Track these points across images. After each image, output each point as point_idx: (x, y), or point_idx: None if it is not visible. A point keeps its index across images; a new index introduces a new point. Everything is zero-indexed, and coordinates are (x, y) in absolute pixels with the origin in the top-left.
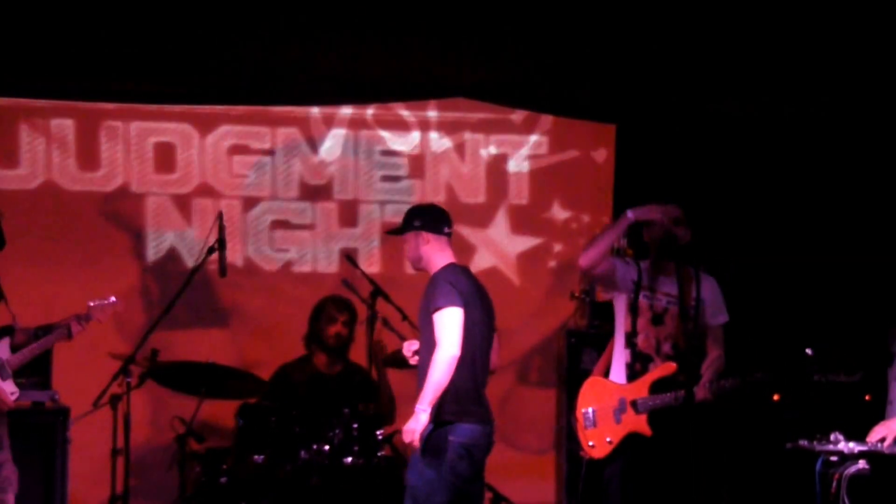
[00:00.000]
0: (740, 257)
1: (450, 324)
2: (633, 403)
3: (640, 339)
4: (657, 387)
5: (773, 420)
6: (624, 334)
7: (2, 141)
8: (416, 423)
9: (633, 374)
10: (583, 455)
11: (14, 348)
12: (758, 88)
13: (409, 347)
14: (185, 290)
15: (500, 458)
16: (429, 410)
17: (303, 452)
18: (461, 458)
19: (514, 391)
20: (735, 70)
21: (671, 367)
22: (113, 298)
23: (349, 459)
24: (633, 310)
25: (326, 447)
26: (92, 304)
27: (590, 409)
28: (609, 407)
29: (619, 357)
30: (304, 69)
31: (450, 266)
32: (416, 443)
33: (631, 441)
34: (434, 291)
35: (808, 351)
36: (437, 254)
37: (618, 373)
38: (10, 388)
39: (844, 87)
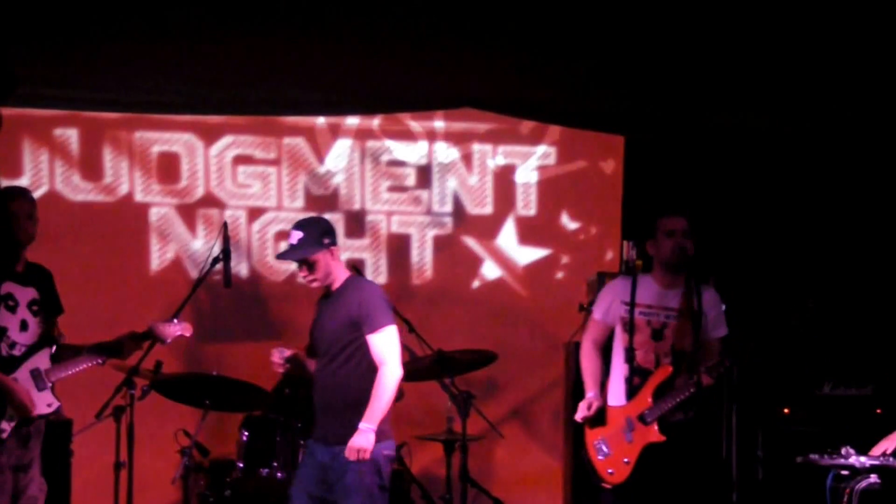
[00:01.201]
0: (746, 268)
1: (394, 343)
2: (641, 417)
3: (639, 355)
4: (659, 393)
5: (784, 434)
6: (623, 351)
7: (5, 151)
8: (367, 442)
9: (631, 389)
10: (605, 486)
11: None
12: (764, 102)
13: (281, 354)
14: (189, 301)
15: (508, 471)
16: (375, 430)
17: None
18: (391, 468)
19: (522, 404)
20: (742, 83)
21: (667, 370)
22: (175, 321)
23: None
24: (630, 328)
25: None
26: (157, 324)
27: (600, 440)
28: (618, 430)
29: (618, 373)
30: (310, 79)
31: (359, 277)
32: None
33: (647, 453)
34: (371, 307)
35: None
36: (340, 266)
37: (616, 390)
38: (47, 400)
39: (850, 101)
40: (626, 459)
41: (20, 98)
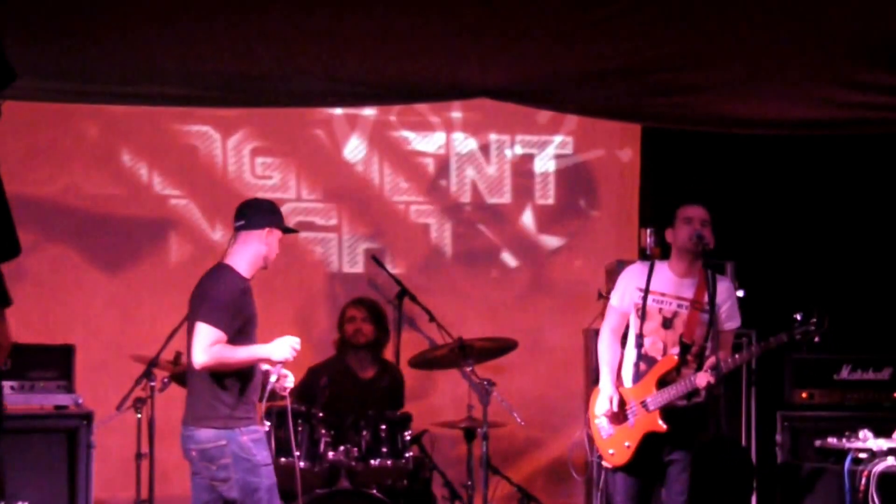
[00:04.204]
0: (764, 256)
1: None
2: (643, 403)
3: (648, 343)
4: (663, 383)
5: (803, 418)
6: (634, 336)
7: (25, 144)
8: None
9: (637, 374)
10: (605, 465)
11: None
12: (783, 90)
13: None
14: None
15: (529, 460)
16: None
17: (331, 454)
18: None
19: (541, 392)
20: (760, 72)
21: (672, 360)
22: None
23: (377, 461)
24: (642, 315)
25: (355, 449)
26: None
27: (604, 418)
28: (621, 411)
29: (628, 358)
30: (327, 70)
31: None
32: None
33: (648, 441)
34: None
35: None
36: None
37: (626, 373)
38: None
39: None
40: (627, 443)
41: (40, 92)
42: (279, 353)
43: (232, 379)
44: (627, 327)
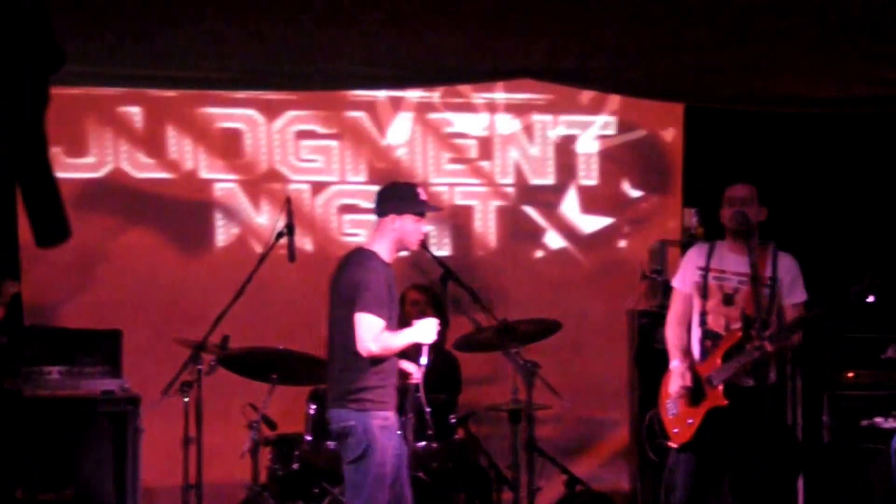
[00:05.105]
0: (810, 234)
1: None
2: (708, 379)
3: (710, 319)
4: (728, 357)
5: (849, 398)
6: (697, 315)
7: (70, 130)
8: None
9: (704, 351)
10: (671, 445)
11: None
12: (828, 70)
13: None
14: (254, 276)
15: (574, 439)
16: None
17: None
18: None
19: (587, 374)
20: (805, 50)
21: (736, 335)
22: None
23: (423, 444)
24: (704, 293)
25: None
26: None
27: (671, 399)
28: (696, 387)
29: (694, 337)
30: (371, 53)
31: None
32: None
33: (711, 416)
34: None
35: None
36: None
37: (693, 352)
38: None
39: None
40: (690, 420)
41: (84, 77)
42: (428, 336)
43: (371, 362)
44: None
